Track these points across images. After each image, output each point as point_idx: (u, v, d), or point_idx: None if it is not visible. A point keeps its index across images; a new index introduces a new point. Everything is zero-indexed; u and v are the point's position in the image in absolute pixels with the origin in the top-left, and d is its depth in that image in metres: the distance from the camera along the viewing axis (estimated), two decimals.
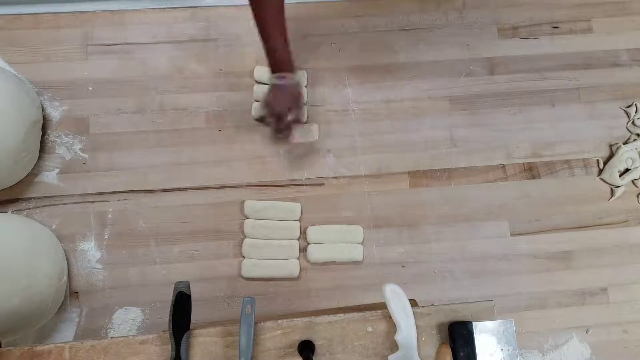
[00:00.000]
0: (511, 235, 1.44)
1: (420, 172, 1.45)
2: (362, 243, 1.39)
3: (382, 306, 0.83)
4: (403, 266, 1.40)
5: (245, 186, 1.40)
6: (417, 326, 0.81)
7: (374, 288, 1.36)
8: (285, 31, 1.11)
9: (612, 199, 1.46)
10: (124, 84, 1.43)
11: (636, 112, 1.50)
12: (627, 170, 1.46)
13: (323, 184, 1.42)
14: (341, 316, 0.84)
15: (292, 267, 1.35)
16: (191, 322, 0.80)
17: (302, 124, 1.32)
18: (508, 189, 1.46)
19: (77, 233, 1.35)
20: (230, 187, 1.40)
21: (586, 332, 1.40)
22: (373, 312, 0.84)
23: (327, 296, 1.37)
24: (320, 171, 1.43)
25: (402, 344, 0.80)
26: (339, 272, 1.38)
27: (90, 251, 1.35)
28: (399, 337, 0.80)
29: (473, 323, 0.82)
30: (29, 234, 1.23)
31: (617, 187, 1.46)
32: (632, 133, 1.50)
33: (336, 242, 1.37)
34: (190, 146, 1.41)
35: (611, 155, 1.49)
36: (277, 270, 1.35)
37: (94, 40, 1.44)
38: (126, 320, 1.32)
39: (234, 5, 1.48)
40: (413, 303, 0.85)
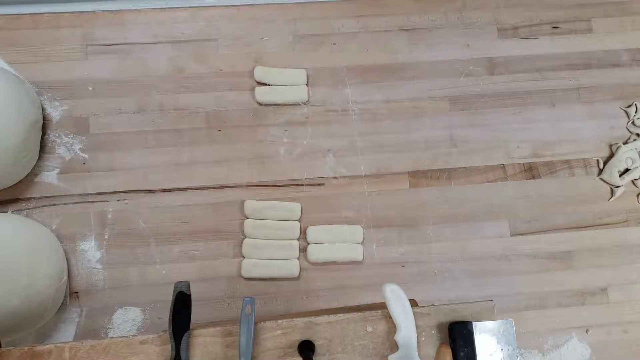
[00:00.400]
0: (511, 235, 1.44)
1: (420, 172, 1.45)
2: (362, 243, 1.39)
3: (382, 306, 0.83)
4: (403, 266, 1.40)
5: (245, 186, 1.40)
6: (417, 326, 0.81)
7: (374, 288, 1.37)
8: None
9: (612, 199, 1.46)
10: (124, 84, 1.43)
11: (636, 112, 1.50)
12: (627, 170, 1.46)
13: (323, 184, 1.42)
14: (341, 316, 0.84)
15: (292, 267, 1.35)
16: (191, 322, 0.80)
17: None
18: (508, 189, 1.46)
19: (77, 233, 1.35)
20: (230, 187, 1.40)
21: (586, 332, 1.40)
22: (373, 312, 0.84)
23: (327, 296, 1.37)
24: (320, 171, 1.43)
25: (402, 344, 0.80)
26: (339, 272, 1.38)
27: (90, 251, 1.35)
28: (399, 337, 0.80)
29: (473, 323, 0.82)
30: (29, 234, 1.23)
31: (617, 187, 1.46)
32: (632, 133, 1.50)
33: (336, 242, 1.38)
34: (190, 146, 1.41)
35: (611, 155, 1.49)
36: (277, 270, 1.35)
37: (94, 40, 1.44)
38: (126, 320, 1.33)
39: (234, 5, 1.48)
40: (413, 303, 0.85)
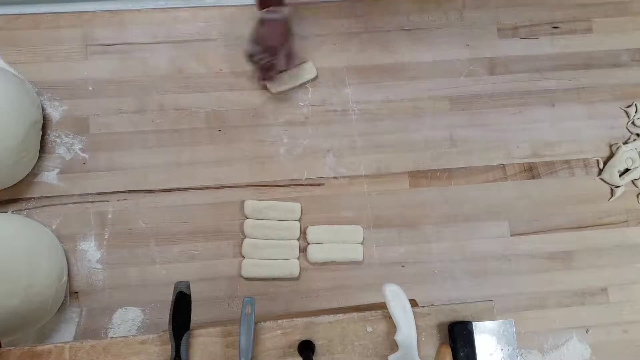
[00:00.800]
0: (511, 235, 1.44)
1: (420, 172, 1.45)
2: (362, 243, 1.39)
3: (382, 306, 0.83)
4: (403, 266, 1.40)
5: (245, 186, 1.40)
6: (417, 326, 0.81)
7: (374, 288, 1.36)
8: None
9: (612, 199, 1.46)
10: (124, 84, 1.43)
11: (636, 112, 1.50)
12: (627, 170, 1.46)
13: (323, 184, 1.42)
14: (341, 316, 0.84)
15: (292, 267, 1.35)
16: (191, 322, 0.80)
17: (294, 65, 1.25)
18: (508, 189, 1.46)
19: (77, 233, 1.35)
20: (230, 187, 1.40)
21: (586, 332, 1.40)
22: (373, 312, 0.84)
23: (327, 296, 1.37)
24: (320, 171, 1.43)
25: (402, 344, 0.80)
26: (339, 272, 1.38)
27: (90, 251, 1.35)
28: (399, 337, 0.80)
29: (473, 323, 0.82)
30: (29, 234, 1.23)
31: (617, 187, 1.46)
32: (632, 133, 1.50)
33: (336, 242, 1.37)
34: (190, 146, 1.41)
35: (611, 155, 1.49)
36: (277, 270, 1.35)
37: (94, 40, 1.44)
38: (126, 320, 1.33)
39: (234, 5, 1.48)
40: (413, 303, 0.85)
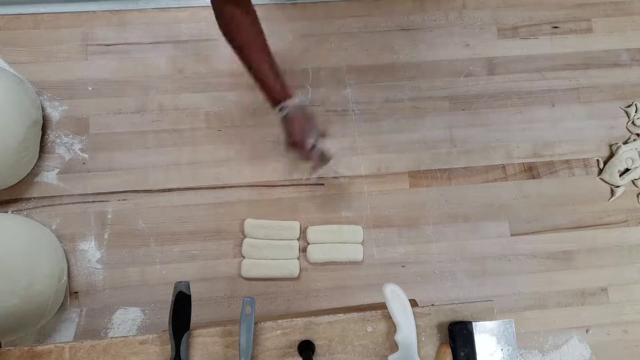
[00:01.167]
0: (511, 235, 1.44)
1: (420, 172, 1.45)
2: (362, 243, 1.39)
3: (382, 306, 0.83)
4: (403, 266, 1.40)
5: (245, 186, 1.40)
6: (417, 326, 0.81)
7: (374, 288, 1.36)
8: (274, 63, 1.04)
9: (612, 199, 1.46)
10: (124, 84, 1.43)
11: (636, 112, 1.50)
12: (627, 170, 1.46)
13: (323, 184, 1.42)
14: (341, 316, 0.84)
15: (292, 267, 1.35)
16: (191, 322, 0.80)
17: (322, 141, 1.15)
18: (508, 189, 1.46)
19: (77, 233, 1.35)
20: (230, 187, 1.40)
21: (586, 332, 1.40)
22: (373, 312, 0.84)
23: (327, 296, 1.37)
24: (320, 171, 1.42)
25: (402, 344, 0.80)
26: (339, 272, 1.38)
27: (90, 251, 1.35)
28: (399, 337, 0.80)
29: (473, 323, 0.82)
30: (29, 234, 1.23)
31: (617, 187, 1.46)
32: (632, 133, 1.50)
33: (336, 242, 1.37)
34: (190, 146, 1.41)
35: (611, 155, 1.49)
36: (277, 270, 1.35)
37: (94, 40, 1.44)
38: (126, 320, 1.32)
39: None
40: (413, 303, 0.85)
